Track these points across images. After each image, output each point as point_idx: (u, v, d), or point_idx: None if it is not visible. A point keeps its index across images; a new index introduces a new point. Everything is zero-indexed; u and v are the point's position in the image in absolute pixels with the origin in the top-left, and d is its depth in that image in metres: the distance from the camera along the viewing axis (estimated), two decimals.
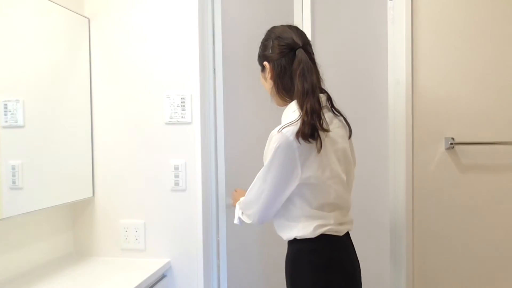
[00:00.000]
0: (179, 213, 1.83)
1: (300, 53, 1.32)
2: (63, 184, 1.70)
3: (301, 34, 1.39)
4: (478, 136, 1.59)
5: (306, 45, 1.37)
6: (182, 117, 1.81)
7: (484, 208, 1.60)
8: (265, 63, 1.41)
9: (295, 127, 1.23)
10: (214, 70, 1.90)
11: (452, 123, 1.61)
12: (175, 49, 1.81)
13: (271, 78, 1.40)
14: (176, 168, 1.82)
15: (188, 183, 1.82)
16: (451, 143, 1.58)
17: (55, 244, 1.84)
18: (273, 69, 1.39)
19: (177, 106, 1.81)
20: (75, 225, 1.92)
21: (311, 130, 1.22)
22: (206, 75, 1.88)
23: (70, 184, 1.75)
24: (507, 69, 1.57)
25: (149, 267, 1.74)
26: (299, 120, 1.23)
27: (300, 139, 1.22)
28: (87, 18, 1.86)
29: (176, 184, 1.82)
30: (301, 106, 1.27)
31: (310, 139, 1.22)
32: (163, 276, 1.80)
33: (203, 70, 1.85)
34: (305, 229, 1.31)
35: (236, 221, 1.54)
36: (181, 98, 1.81)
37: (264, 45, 1.44)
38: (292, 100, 1.35)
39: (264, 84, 1.46)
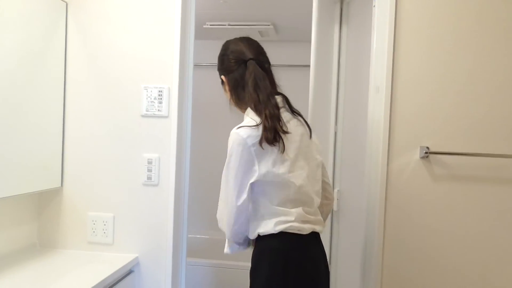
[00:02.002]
0: (150, 208, 1.79)
1: (250, 64, 1.39)
2: (29, 173, 1.64)
3: (252, 44, 1.46)
4: (453, 147, 1.61)
5: (258, 55, 1.43)
6: (158, 110, 1.77)
7: (455, 218, 1.62)
8: (222, 76, 1.48)
9: (252, 131, 1.30)
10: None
11: (428, 133, 1.62)
12: (155, 40, 1.77)
13: (229, 90, 1.47)
14: (150, 162, 1.78)
15: (161, 178, 1.78)
16: (426, 152, 1.60)
17: (18, 234, 1.77)
18: (228, 82, 1.46)
19: (154, 99, 1.77)
20: (41, 215, 1.86)
21: (273, 134, 1.29)
22: (185, 69, 1.85)
23: (37, 173, 1.68)
24: (485, 81, 1.59)
25: (116, 261, 1.70)
26: (260, 126, 1.30)
27: (264, 144, 1.29)
28: (64, 2, 1.80)
29: (149, 178, 1.78)
30: (259, 113, 1.33)
31: (274, 143, 1.29)
32: (130, 272, 1.76)
33: (183, 63, 1.81)
34: (266, 226, 1.33)
35: (226, 250, 1.49)
36: (159, 91, 1.77)
37: (221, 59, 1.49)
38: (247, 107, 1.41)
39: (225, 95, 1.51)
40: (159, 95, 1.77)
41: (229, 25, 3.04)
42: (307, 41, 3.52)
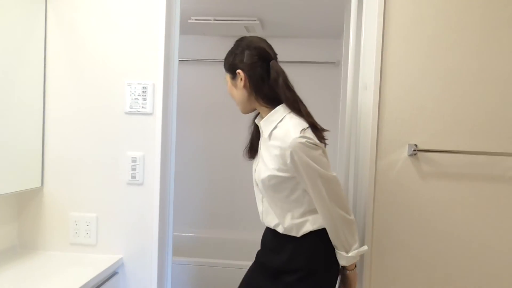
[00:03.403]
0: (134, 208, 1.75)
1: (275, 64, 1.42)
2: (7, 172, 1.58)
3: (270, 46, 1.49)
4: (441, 144, 1.60)
5: (275, 56, 1.47)
6: (142, 107, 1.72)
7: (444, 216, 1.61)
8: (239, 71, 1.44)
9: (308, 132, 1.33)
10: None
11: (417, 130, 1.61)
12: (140, 35, 1.72)
13: (244, 86, 1.44)
14: (134, 161, 1.73)
15: (145, 177, 1.74)
16: (414, 150, 1.58)
17: None
18: (248, 77, 1.43)
19: (138, 95, 1.72)
20: (21, 216, 1.79)
21: (321, 133, 1.38)
22: (170, 64, 1.80)
23: (16, 173, 1.62)
24: (473, 78, 1.58)
25: (100, 263, 1.65)
26: (308, 125, 1.35)
27: (320, 141, 1.35)
28: None
29: (133, 177, 1.73)
30: (298, 111, 1.38)
31: (323, 142, 1.39)
32: (114, 273, 1.72)
33: (168, 58, 1.77)
34: (318, 220, 1.41)
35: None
36: (143, 87, 1.72)
37: (235, 53, 1.47)
38: (272, 107, 1.43)
39: (233, 91, 1.49)
40: (143, 91, 1.72)
41: (214, 20, 2.99)
42: (294, 37, 3.51)
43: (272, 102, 1.43)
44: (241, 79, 1.44)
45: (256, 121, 1.54)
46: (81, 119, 1.74)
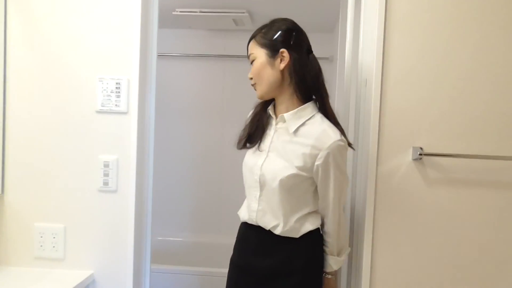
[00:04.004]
0: (107, 218, 1.56)
1: (315, 58, 1.38)
2: None
3: None
4: (449, 148, 1.44)
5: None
6: (116, 105, 1.54)
7: (452, 226, 1.45)
8: (283, 50, 1.31)
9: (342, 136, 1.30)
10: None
11: (422, 132, 1.45)
12: (112, 25, 1.53)
13: (284, 68, 1.32)
14: (106, 165, 1.54)
15: (119, 183, 1.56)
16: (420, 154, 1.42)
17: None
18: (292, 61, 1.32)
19: (111, 92, 1.54)
20: None
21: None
22: (148, 58, 1.62)
23: None
24: (486, 77, 1.42)
25: (68, 280, 1.48)
26: (339, 129, 1.32)
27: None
28: None
29: (105, 184, 1.55)
30: (326, 114, 1.35)
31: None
32: None
33: (145, 52, 1.59)
34: (318, 220, 1.39)
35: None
36: (116, 83, 1.53)
37: (284, 31, 1.33)
38: (302, 101, 1.35)
39: (264, 70, 1.33)
40: (116, 87, 1.53)
41: (200, 12, 2.81)
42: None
43: (304, 96, 1.35)
44: (281, 60, 1.32)
45: (270, 111, 1.41)
46: (47, 119, 1.55)
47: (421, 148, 1.45)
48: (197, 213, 3.49)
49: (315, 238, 1.38)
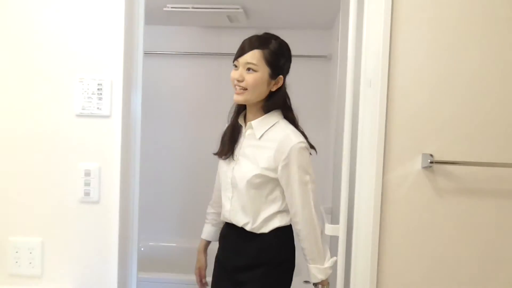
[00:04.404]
0: (89, 231, 1.43)
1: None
2: None
3: None
4: (461, 155, 1.32)
5: None
6: (98, 108, 1.41)
7: (464, 240, 1.33)
8: (281, 77, 1.49)
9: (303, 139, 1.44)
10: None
11: (432, 137, 1.33)
12: (94, 22, 1.40)
13: (275, 90, 1.49)
14: (87, 174, 1.41)
15: (102, 193, 1.42)
16: (431, 161, 1.30)
17: None
18: (283, 84, 1.51)
19: (93, 94, 1.40)
20: None
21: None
22: (133, 57, 1.49)
23: None
24: (501, 74, 1.30)
25: None
26: (301, 133, 1.47)
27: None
28: None
29: (87, 194, 1.42)
30: (292, 119, 1.51)
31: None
32: None
33: (130, 50, 1.45)
34: (286, 218, 1.51)
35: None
36: (98, 84, 1.40)
37: (287, 60, 1.52)
38: (266, 110, 1.49)
39: (260, 84, 1.44)
40: (98, 89, 1.40)
41: (193, 8, 2.67)
42: (281, 28, 3.15)
43: (270, 108, 1.49)
44: (276, 82, 1.47)
45: (240, 121, 1.55)
46: (22, 122, 1.42)
47: (431, 155, 1.33)
48: (191, 218, 3.35)
49: (285, 234, 1.50)
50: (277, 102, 1.49)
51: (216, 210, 1.69)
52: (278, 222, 1.47)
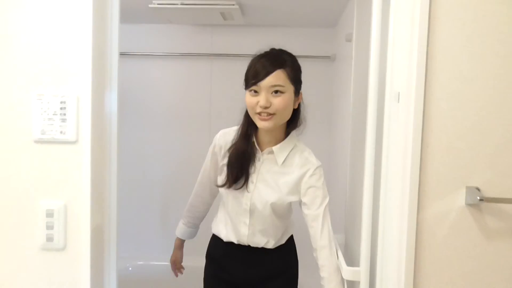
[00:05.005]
0: (52, 284, 1.15)
1: None
2: None
3: None
4: None
5: None
6: (61, 132, 1.13)
7: None
8: (301, 92, 1.46)
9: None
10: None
11: (480, 166, 1.07)
12: (55, 19, 1.12)
13: (296, 105, 1.45)
14: (50, 215, 1.13)
15: (69, 238, 1.15)
16: (480, 199, 1.03)
17: None
18: (300, 102, 1.47)
19: (54, 114, 1.12)
20: None
21: None
22: (106, 63, 1.20)
23: None
24: None
25: None
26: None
27: None
28: None
29: (49, 239, 1.14)
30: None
31: None
32: None
33: (101, 54, 1.17)
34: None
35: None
36: (61, 102, 1.12)
37: (300, 71, 1.45)
38: (288, 132, 1.48)
39: (287, 107, 1.38)
40: (61, 108, 1.12)
41: (182, 4, 2.38)
42: (280, 26, 2.88)
43: (291, 128, 1.49)
44: (298, 98, 1.44)
45: (255, 144, 1.47)
46: None
47: (478, 189, 1.06)
48: None
49: (293, 240, 1.64)
50: (297, 121, 1.49)
51: (193, 214, 1.76)
52: (291, 231, 1.60)
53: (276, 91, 1.33)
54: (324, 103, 2.88)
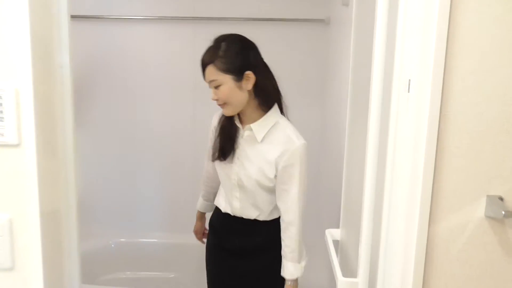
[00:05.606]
0: None
1: (268, 67, 1.54)
2: None
3: None
4: None
5: None
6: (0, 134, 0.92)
7: None
8: (248, 72, 1.44)
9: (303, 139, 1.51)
10: None
11: (504, 172, 0.89)
12: None
13: (253, 86, 1.46)
14: None
15: (16, 256, 0.97)
16: (505, 212, 0.86)
17: None
18: (258, 79, 1.46)
19: None
20: None
21: None
22: (55, 51, 0.98)
23: None
24: None
25: None
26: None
27: None
28: None
29: None
30: (285, 115, 1.58)
31: None
32: None
33: (46, 37, 0.95)
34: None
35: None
36: None
37: (242, 53, 1.46)
38: (264, 110, 1.52)
39: (235, 94, 1.45)
40: None
41: None
42: None
43: (265, 105, 1.52)
44: (247, 79, 1.45)
45: (236, 122, 1.56)
46: None
47: (502, 198, 0.90)
48: (170, 210, 2.93)
49: (278, 224, 1.61)
50: (270, 95, 1.53)
51: (206, 188, 1.85)
52: (276, 214, 1.62)
53: (216, 86, 1.44)
54: (317, 73, 2.66)
